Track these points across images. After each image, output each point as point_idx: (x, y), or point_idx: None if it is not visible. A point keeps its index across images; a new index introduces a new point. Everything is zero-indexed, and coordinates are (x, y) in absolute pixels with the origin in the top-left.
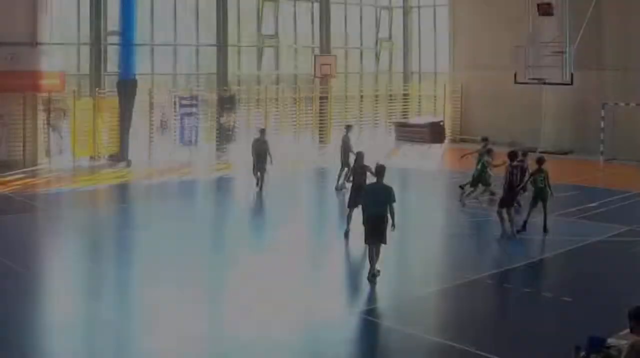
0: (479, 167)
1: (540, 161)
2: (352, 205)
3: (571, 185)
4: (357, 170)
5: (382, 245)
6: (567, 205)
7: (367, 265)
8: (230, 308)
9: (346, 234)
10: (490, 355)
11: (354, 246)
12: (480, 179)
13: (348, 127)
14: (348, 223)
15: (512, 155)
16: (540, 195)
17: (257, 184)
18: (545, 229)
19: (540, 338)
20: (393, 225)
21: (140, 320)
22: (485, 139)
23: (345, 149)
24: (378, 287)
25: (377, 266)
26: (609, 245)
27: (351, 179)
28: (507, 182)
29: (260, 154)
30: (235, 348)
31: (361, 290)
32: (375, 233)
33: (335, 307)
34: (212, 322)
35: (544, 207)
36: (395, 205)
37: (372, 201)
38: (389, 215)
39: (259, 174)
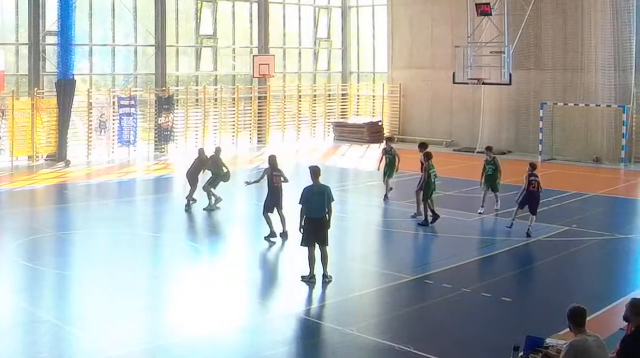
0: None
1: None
2: (267, 209)
3: (510, 185)
4: (271, 174)
5: (327, 246)
6: (504, 205)
7: (305, 267)
8: (167, 310)
9: (269, 237)
10: (429, 355)
11: (288, 247)
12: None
13: (217, 149)
14: (270, 226)
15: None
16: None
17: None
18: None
19: (479, 338)
20: (328, 223)
21: (78, 323)
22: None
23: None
24: (316, 287)
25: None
26: (548, 245)
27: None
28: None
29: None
30: (174, 350)
31: (299, 291)
32: (319, 235)
33: (273, 308)
34: (149, 323)
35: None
36: (333, 204)
37: (312, 203)
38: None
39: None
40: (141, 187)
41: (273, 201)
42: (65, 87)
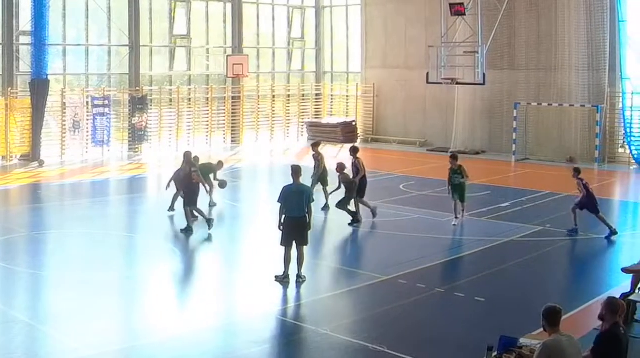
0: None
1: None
2: (188, 204)
3: (483, 185)
4: (189, 171)
5: (304, 247)
6: (478, 205)
7: (280, 266)
8: (141, 310)
9: (185, 230)
10: (403, 355)
11: (260, 247)
12: None
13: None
14: (188, 220)
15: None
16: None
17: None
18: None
19: (453, 338)
20: (309, 224)
21: (52, 323)
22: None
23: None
24: (290, 287)
25: (301, 270)
26: (521, 245)
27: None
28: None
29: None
30: (148, 350)
31: (272, 291)
32: (297, 235)
33: (247, 308)
34: (124, 323)
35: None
36: (312, 205)
37: (291, 202)
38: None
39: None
40: (115, 187)
41: (194, 196)
42: (39, 87)
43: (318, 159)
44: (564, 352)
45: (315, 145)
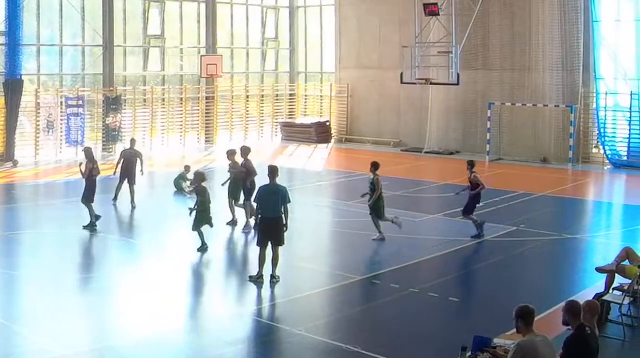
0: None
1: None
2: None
3: (456, 185)
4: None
5: (280, 247)
6: (452, 206)
7: (255, 266)
8: (114, 310)
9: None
10: (377, 355)
11: (234, 247)
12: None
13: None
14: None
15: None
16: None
17: (115, 198)
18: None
19: (427, 338)
20: (285, 225)
21: (25, 323)
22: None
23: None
24: (264, 287)
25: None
26: (495, 245)
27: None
28: None
29: (130, 165)
30: (121, 350)
31: (246, 291)
32: (273, 236)
33: (220, 308)
34: (97, 323)
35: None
36: (288, 205)
37: (267, 202)
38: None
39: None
40: None
41: (91, 192)
42: (12, 87)
43: (235, 167)
44: (538, 352)
45: (231, 154)
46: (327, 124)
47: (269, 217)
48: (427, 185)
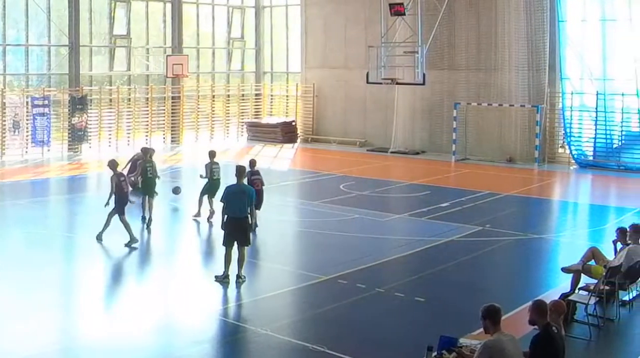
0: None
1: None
2: None
3: (422, 185)
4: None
5: (246, 247)
6: (418, 205)
7: (221, 266)
8: (80, 310)
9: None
10: (343, 355)
11: (200, 247)
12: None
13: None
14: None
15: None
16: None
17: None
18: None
19: (393, 338)
20: (251, 225)
21: None
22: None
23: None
24: (230, 287)
25: (242, 271)
26: (461, 245)
27: None
28: None
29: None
30: (87, 350)
31: (212, 291)
32: (239, 236)
33: (186, 308)
34: (62, 323)
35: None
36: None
37: (233, 202)
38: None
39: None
40: (55, 187)
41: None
42: None
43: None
44: (505, 351)
45: (145, 152)
46: (293, 124)
47: (236, 217)
48: (394, 185)
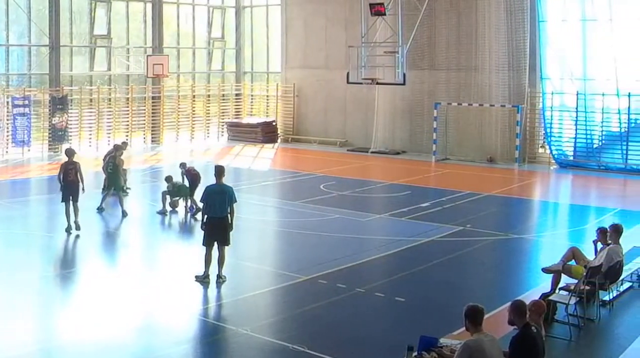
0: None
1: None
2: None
3: (403, 185)
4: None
5: (226, 247)
6: (398, 205)
7: (201, 266)
8: (61, 310)
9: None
10: (323, 355)
11: (180, 247)
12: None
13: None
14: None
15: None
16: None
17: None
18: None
19: (373, 338)
20: (231, 225)
21: None
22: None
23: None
24: (210, 287)
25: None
26: (442, 245)
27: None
28: None
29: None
30: (68, 350)
31: (192, 291)
32: (219, 236)
33: (166, 308)
34: (43, 324)
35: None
36: (235, 205)
37: (213, 202)
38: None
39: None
40: (35, 187)
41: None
42: None
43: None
44: (485, 351)
45: (119, 147)
46: (274, 124)
47: (216, 217)
48: (374, 185)
